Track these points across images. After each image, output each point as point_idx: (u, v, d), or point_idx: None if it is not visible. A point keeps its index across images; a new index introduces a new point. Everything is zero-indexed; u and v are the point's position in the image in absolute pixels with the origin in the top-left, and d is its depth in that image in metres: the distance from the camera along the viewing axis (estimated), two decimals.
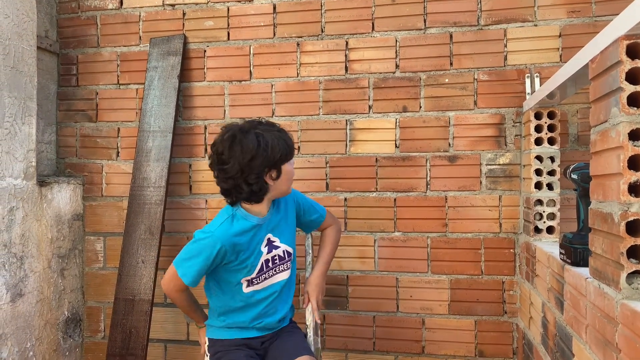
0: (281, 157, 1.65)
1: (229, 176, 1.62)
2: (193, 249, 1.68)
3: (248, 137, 1.60)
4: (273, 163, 1.64)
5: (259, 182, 1.62)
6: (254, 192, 1.64)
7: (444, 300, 2.33)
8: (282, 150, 1.65)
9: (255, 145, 1.59)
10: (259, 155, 1.59)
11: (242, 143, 1.59)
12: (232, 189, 1.64)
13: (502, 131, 2.28)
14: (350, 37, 2.41)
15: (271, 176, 1.66)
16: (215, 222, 1.70)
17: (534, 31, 2.25)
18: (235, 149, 1.59)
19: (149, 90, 2.50)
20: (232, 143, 1.60)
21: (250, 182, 1.61)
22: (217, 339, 1.79)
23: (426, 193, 2.34)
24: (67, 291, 2.57)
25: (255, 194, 1.65)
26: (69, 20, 2.70)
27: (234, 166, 1.59)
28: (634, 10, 0.97)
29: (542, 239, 2.04)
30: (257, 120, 1.72)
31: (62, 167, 2.71)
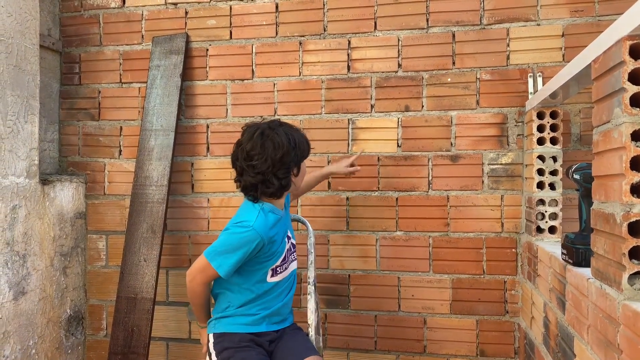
0: (304, 154, 1.76)
1: (258, 171, 1.65)
2: (232, 241, 1.66)
3: (279, 134, 1.67)
4: (300, 159, 1.74)
5: (287, 177, 1.69)
6: (283, 187, 1.70)
7: (446, 300, 2.32)
8: (306, 148, 1.77)
9: (287, 142, 1.66)
10: (290, 152, 1.67)
11: (273, 140, 1.65)
12: (261, 183, 1.67)
13: (504, 131, 2.27)
14: (353, 36, 2.41)
15: (294, 172, 1.74)
16: (249, 216, 1.67)
17: (537, 30, 2.24)
18: (267, 145, 1.65)
19: (152, 89, 2.51)
20: (263, 139, 1.66)
21: (280, 176, 1.67)
22: (226, 332, 1.75)
23: (428, 192, 2.34)
24: (70, 289, 2.58)
25: (283, 189, 1.71)
26: (72, 19, 2.70)
27: (266, 161, 1.64)
28: (637, 11, 0.96)
29: (544, 238, 2.04)
30: (278, 121, 1.77)
31: (64, 166, 2.72)
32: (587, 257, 1.41)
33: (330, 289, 2.43)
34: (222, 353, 1.70)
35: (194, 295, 1.77)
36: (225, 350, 1.70)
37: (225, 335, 1.75)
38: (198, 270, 1.70)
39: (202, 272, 1.70)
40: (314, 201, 2.43)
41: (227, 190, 2.51)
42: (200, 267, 1.70)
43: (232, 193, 2.50)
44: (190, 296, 1.78)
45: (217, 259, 1.66)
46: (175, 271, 2.57)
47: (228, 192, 2.51)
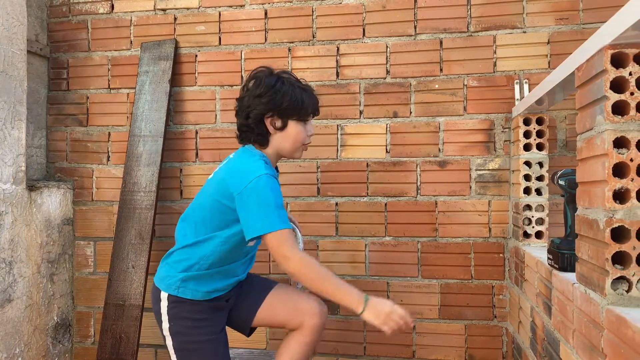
0: (288, 107, 1.63)
1: (239, 107, 1.68)
2: (270, 191, 1.49)
3: (269, 78, 1.65)
4: (278, 109, 1.62)
5: (256, 121, 1.63)
6: (250, 129, 1.65)
7: (434, 305, 2.34)
8: (293, 101, 1.63)
9: (270, 85, 1.62)
10: (266, 95, 1.61)
11: (260, 80, 1.64)
12: (239, 123, 1.69)
13: (491, 137, 2.30)
14: (342, 42, 2.42)
15: (274, 124, 1.65)
16: (256, 164, 1.55)
17: (523, 38, 2.27)
18: (251, 83, 1.66)
19: (140, 94, 2.50)
20: (252, 78, 1.67)
21: (251, 116, 1.63)
22: (186, 299, 1.61)
23: (416, 198, 2.35)
24: (57, 296, 2.56)
25: (253, 133, 1.66)
26: (60, 24, 2.69)
27: (245, 99, 1.65)
28: (619, 20, 0.98)
29: (531, 243, 2.06)
30: (288, 71, 1.75)
31: (52, 172, 2.70)
32: (573, 262, 1.43)
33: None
34: (176, 322, 1.62)
35: (311, 273, 1.47)
36: (182, 319, 1.62)
37: (184, 301, 1.61)
38: (284, 249, 1.46)
39: (285, 245, 1.47)
40: (303, 207, 2.43)
41: None
42: (281, 247, 1.46)
43: None
44: (310, 277, 1.48)
45: (277, 218, 1.47)
46: None
47: None
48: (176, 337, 1.63)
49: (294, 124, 1.67)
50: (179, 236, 1.71)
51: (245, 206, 1.50)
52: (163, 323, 1.65)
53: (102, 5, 2.64)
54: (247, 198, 1.49)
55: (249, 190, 1.49)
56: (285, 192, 2.42)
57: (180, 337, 1.63)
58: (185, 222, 1.72)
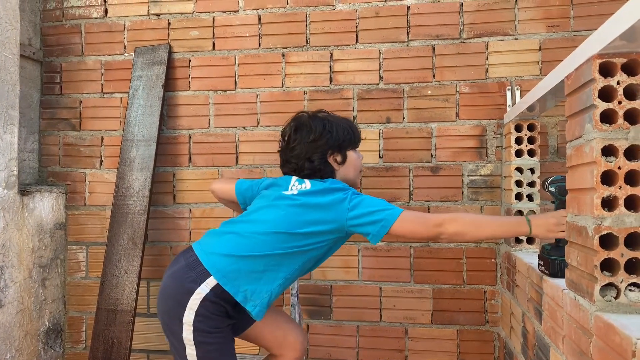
0: (344, 141, 1.74)
1: (294, 154, 1.70)
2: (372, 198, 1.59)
3: (315, 121, 1.72)
4: (337, 146, 1.72)
5: (322, 161, 1.70)
6: (318, 170, 1.70)
7: (427, 310, 2.34)
8: (346, 135, 1.74)
9: (321, 128, 1.70)
10: (323, 137, 1.69)
11: (309, 126, 1.71)
12: (297, 168, 1.71)
13: (483, 143, 2.31)
14: (335, 48, 2.43)
15: (335, 159, 1.73)
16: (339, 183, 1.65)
17: (515, 45, 2.29)
18: (302, 131, 1.71)
19: (133, 99, 2.50)
20: (298, 125, 1.72)
21: (313, 159, 1.68)
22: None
23: (409, 203, 2.36)
24: (49, 301, 2.54)
25: (318, 172, 1.70)
26: (53, 29, 2.69)
27: (300, 146, 1.69)
28: (606, 30, 1.00)
29: (523, 249, 2.07)
30: (323, 110, 1.81)
31: (44, 176, 2.69)
32: (563, 268, 1.44)
33: (312, 299, 2.43)
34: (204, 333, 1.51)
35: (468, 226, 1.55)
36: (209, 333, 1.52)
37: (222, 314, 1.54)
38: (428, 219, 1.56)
39: (422, 216, 1.58)
40: None
41: (210, 201, 2.50)
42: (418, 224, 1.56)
43: (215, 204, 2.50)
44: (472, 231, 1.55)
45: (387, 208, 1.55)
46: (156, 282, 2.55)
47: (210, 203, 2.50)
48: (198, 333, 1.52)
49: (351, 153, 1.77)
50: None
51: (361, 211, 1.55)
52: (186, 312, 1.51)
53: (96, 10, 2.64)
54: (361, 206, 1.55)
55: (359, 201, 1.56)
56: None
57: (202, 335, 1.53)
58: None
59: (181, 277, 1.55)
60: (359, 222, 1.55)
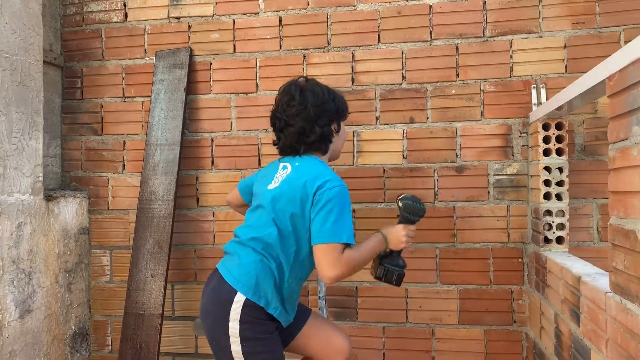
0: (343, 110, 1.76)
1: (300, 118, 1.64)
2: (344, 201, 1.54)
3: (318, 86, 1.71)
4: (339, 113, 1.74)
5: (328, 126, 1.69)
6: (324, 136, 1.68)
7: (453, 310, 2.33)
8: (344, 104, 1.77)
9: (326, 93, 1.70)
10: (330, 101, 1.70)
11: (312, 89, 1.69)
12: (302, 133, 1.65)
13: (509, 142, 2.29)
14: (357, 49, 2.42)
15: (335, 128, 1.73)
16: (328, 172, 1.60)
17: (539, 42, 2.27)
18: (307, 94, 1.67)
19: (156, 103, 2.50)
20: (302, 90, 1.68)
21: (322, 124, 1.66)
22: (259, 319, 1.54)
23: (434, 203, 2.35)
24: (74, 305, 2.56)
25: (324, 140, 1.69)
26: (74, 34, 2.69)
27: (306, 109, 1.64)
28: None
29: (552, 249, 2.05)
30: (313, 79, 1.79)
31: (67, 181, 2.70)
32: (389, 275, 1.71)
33: (337, 301, 2.43)
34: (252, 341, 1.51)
35: (356, 266, 1.54)
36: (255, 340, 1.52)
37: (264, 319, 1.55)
38: (335, 260, 1.48)
39: (337, 257, 1.49)
40: None
41: None
42: (334, 257, 1.48)
43: None
44: (357, 269, 1.56)
45: (346, 230, 1.51)
46: (181, 285, 2.56)
47: None
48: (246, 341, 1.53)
49: (342, 124, 1.79)
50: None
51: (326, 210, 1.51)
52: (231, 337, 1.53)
53: (116, 14, 2.65)
54: (330, 204, 1.52)
55: (334, 195, 1.52)
56: None
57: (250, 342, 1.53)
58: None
59: (218, 291, 1.56)
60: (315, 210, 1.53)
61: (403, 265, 1.72)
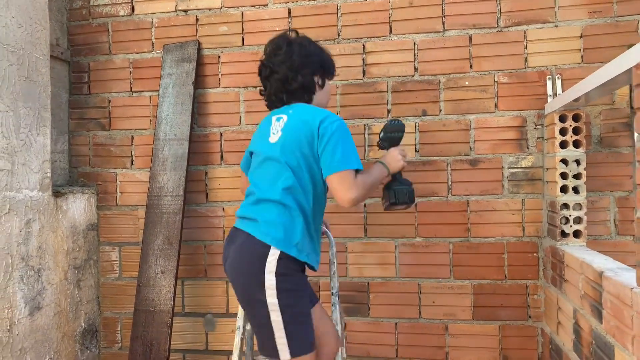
0: (329, 66, 1.81)
1: (285, 66, 1.70)
2: (347, 133, 1.62)
3: (304, 40, 1.78)
4: (324, 68, 1.78)
5: (310, 78, 1.74)
6: (306, 86, 1.73)
7: (467, 306, 2.30)
8: (330, 60, 1.82)
9: (312, 46, 1.77)
10: (315, 55, 1.76)
11: (300, 42, 1.75)
12: (284, 80, 1.71)
13: (523, 134, 2.25)
14: (368, 40, 2.38)
15: (318, 81, 1.78)
16: (322, 110, 1.67)
17: (555, 32, 2.22)
18: (294, 46, 1.73)
19: (164, 97, 2.47)
20: (290, 42, 1.74)
21: (304, 74, 1.71)
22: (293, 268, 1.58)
23: (447, 198, 2.31)
24: (84, 302, 2.54)
25: (306, 90, 1.74)
26: (80, 28, 2.66)
27: (291, 58, 1.70)
28: None
29: (569, 243, 2.02)
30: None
31: (74, 177, 2.68)
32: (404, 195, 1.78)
33: (349, 297, 2.40)
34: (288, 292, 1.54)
35: (366, 194, 1.61)
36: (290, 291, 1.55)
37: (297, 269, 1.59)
38: (351, 184, 1.55)
39: (352, 181, 1.56)
40: (331, 208, 2.39)
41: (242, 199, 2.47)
42: (349, 182, 1.55)
43: None
44: (371, 192, 1.65)
45: (353, 156, 1.60)
46: (191, 281, 2.54)
47: None
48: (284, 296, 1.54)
49: (327, 81, 1.83)
50: None
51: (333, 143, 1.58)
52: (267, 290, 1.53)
53: (123, 8, 2.61)
54: (335, 136, 1.58)
55: (336, 128, 1.59)
56: None
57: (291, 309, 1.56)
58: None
59: (250, 247, 1.58)
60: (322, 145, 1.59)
61: (409, 183, 1.80)
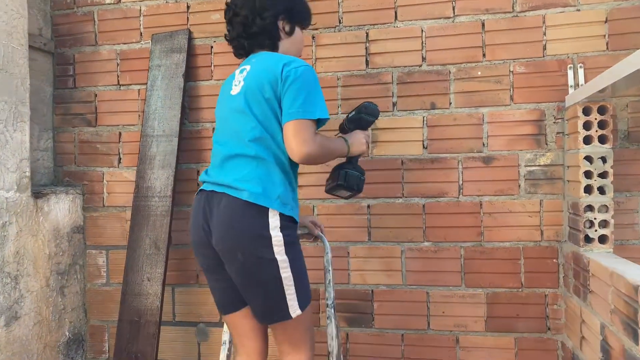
0: (298, 11, 1.66)
1: (246, 7, 1.57)
2: (313, 80, 1.48)
3: None
4: (289, 11, 1.62)
5: (272, 21, 1.58)
6: (267, 31, 1.58)
7: (480, 316, 2.11)
8: (301, 5, 1.68)
9: None
10: None
11: None
12: (245, 23, 1.58)
13: (542, 129, 2.06)
14: (371, 27, 2.19)
15: (284, 27, 1.63)
16: (288, 56, 1.54)
17: (577, 17, 2.02)
18: None
19: (152, 91, 2.30)
20: None
21: (265, 17, 1.57)
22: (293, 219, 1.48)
23: (458, 198, 2.12)
24: (68, 310, 2.38)
25: (268, 35, 1.59)
26: (64, 17, 2.50)
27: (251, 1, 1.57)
28: None
29: (594, 249, 1.82)
30: None
31: (60, 176, 2.52)
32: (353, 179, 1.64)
33: (351, 305, 2.22)
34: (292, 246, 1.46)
35: (322, 155, 1.48)
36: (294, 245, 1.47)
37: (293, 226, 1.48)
38: (311, 137, 1.41)
39: (310, 135, 1.42)
40: (332, 210, 2.22)
41: None
42: (306, 135, 1.41)
43: None
44: (323, 158, 1.51)
45: (318, 105, 1.45)
46: (182, 288, 2.37)
47: None
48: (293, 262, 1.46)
49: (298, 30, 1.67)
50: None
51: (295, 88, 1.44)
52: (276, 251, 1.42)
53: None
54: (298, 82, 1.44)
55: (302, 73, 1.45)
56: (312, 193, 2.22)
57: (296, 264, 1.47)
58: None
59: (242, 207, 1.42)
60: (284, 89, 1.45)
61: (363, 171, 1.67)
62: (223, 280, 1.53)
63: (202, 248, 1.53)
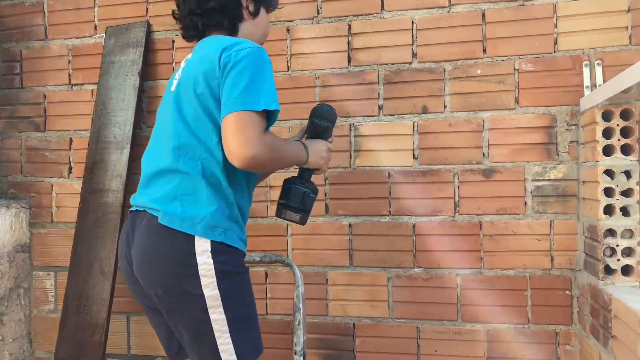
0: None
1: None
2: (261, 64, 1.18)
3: None
4: None
5: (235, 2, 1.33)
6: (225, 8, 1.31)
7: (479, 357, 1.81)
8: None
9: None
10: None
11: None
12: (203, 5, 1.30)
13: (552, 137, 1.76)
14: (354, 19, 1.92)
15: (248, 7, 1.37)
16: (238, 39, 1.25)
17: (594, 5, 1.74)
18: None
19: (103, 90, 2.02)
20: None
21: None
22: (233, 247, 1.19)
23: (454, 217, 1.83)
24: (8, 341, 2.09)
25: (226, 13, 1.32)
26: (11, 8, 2.24)
27: None
28: None
29: (616, 282, 1.52)
30: None
31: (4, 187, 2.24)
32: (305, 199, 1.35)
33: (330, 341, 1.92)
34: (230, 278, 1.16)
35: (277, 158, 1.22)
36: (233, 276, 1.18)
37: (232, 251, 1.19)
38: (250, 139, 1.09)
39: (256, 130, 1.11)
40: (307, 229, 1.91)
41: None
42: (250, 131, 1.10)
43: None
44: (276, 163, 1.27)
45: (263, 94, 1.15)
46: (138, 317, 2.07)
47: None
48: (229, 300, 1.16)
49: (263, 12, 1.43)
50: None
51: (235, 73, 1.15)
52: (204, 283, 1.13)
53: None
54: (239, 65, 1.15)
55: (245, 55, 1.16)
56: None
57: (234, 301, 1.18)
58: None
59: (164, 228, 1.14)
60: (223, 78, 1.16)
61: (315, 190, 1.38)
62: (165, 322, 1.24)
63: (131, 283, 1.24)
